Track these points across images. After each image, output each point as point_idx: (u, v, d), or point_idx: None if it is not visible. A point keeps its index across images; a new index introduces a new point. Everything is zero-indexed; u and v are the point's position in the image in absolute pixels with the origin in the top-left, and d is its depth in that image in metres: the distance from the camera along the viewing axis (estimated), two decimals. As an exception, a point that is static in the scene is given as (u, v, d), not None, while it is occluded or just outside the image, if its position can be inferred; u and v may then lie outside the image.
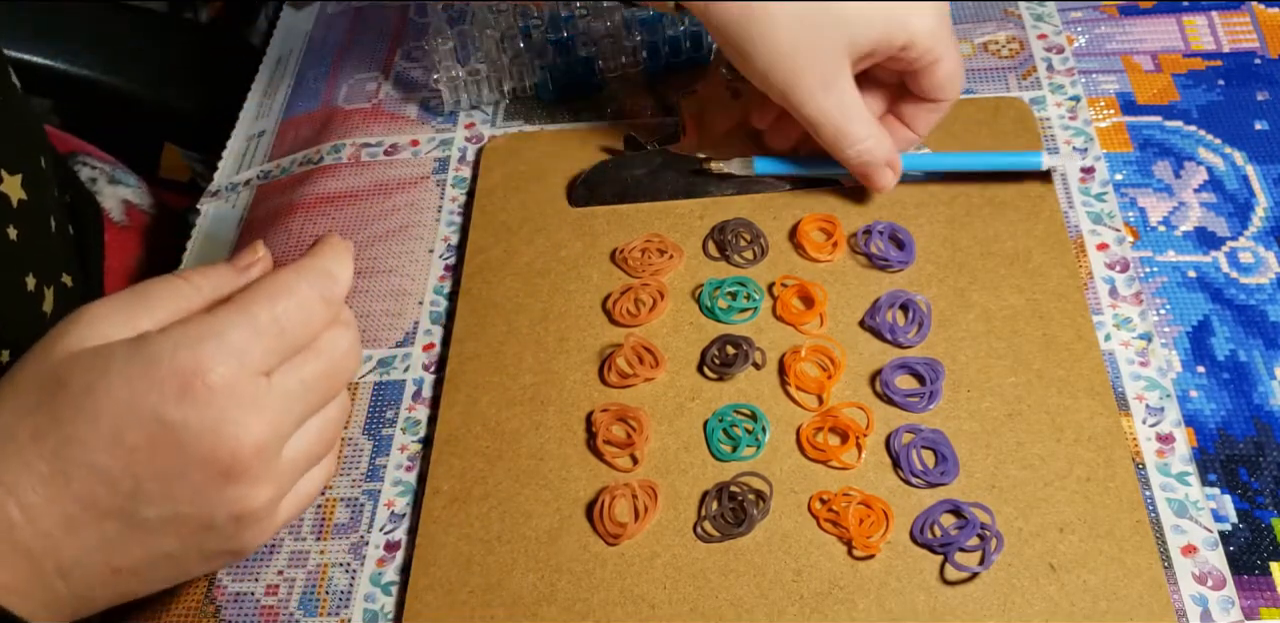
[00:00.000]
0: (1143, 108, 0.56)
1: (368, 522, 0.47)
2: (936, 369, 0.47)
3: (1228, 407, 0.46)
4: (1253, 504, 0.43)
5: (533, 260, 0.54)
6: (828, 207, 0.54)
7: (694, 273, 0.53)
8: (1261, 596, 0.41)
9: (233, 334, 0.33)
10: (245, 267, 0.38)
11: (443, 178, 0.60)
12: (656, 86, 0.62)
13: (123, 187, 0.72)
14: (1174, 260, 0.50)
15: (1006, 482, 0.44)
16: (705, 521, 0.45)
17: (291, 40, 0.73)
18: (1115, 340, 0.48)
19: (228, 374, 0.33)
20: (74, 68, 0.79)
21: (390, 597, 0.45)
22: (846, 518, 0.43)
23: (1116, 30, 0.59)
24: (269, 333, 0.34)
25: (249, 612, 0.45)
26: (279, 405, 0.34)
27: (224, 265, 0.38)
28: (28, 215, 0.51)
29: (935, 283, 0.50)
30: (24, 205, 0.51)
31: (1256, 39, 0.58)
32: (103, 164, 0.73)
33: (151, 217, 0.73)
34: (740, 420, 0.47)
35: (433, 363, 0.52)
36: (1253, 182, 0.52)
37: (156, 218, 0.73)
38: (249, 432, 0.33)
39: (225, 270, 0.38)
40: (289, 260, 0.57)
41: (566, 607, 0.43)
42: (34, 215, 0.52)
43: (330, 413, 0.37)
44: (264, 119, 0.69)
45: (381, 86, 0.66)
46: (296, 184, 0.62)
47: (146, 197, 0.74)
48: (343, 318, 0.38)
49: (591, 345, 0.51)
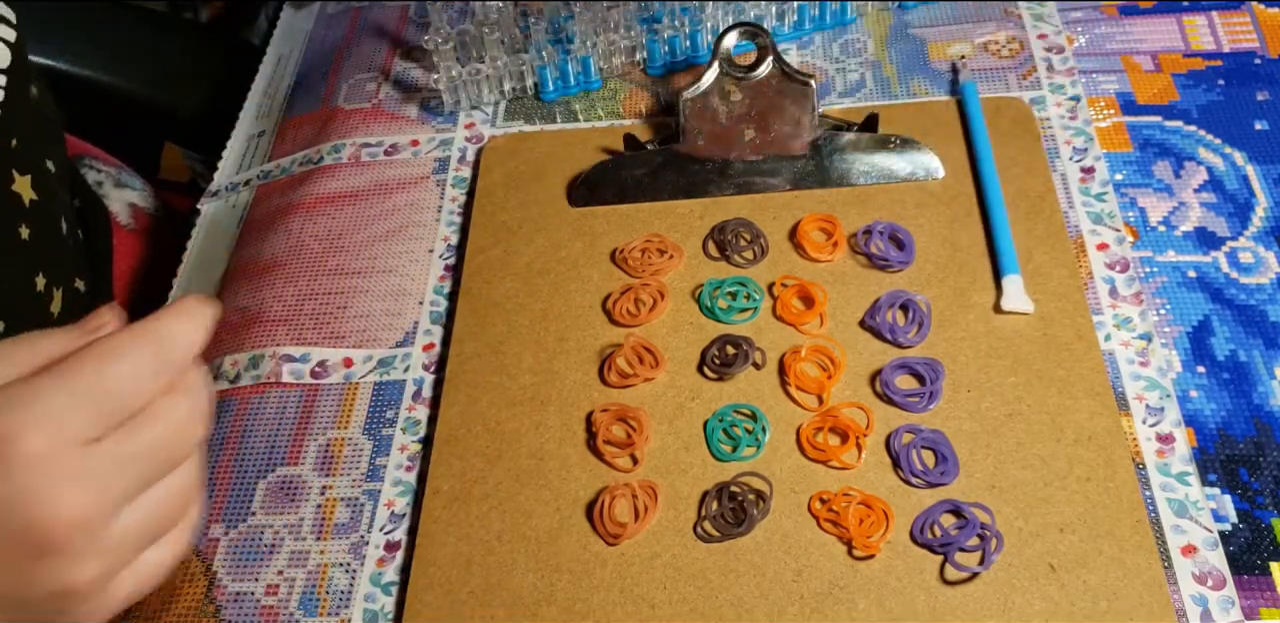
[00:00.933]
0: (1143, 108, 0.56)
1: (368, 522, 0.47)
2: (936, 369, 0.47)
3: (1228, 407, 0.46)
4: (1253, 504, 0.43)
5: (533, 260, 0.54)
6: (828, 207, 0.54)
7: (694, 273, 0.53)
8: (1261, 596, 0.41)
9: (51, 399, 0.31)
10: (93, 329, 0.35)
11: (443, 178, 0.60)
12: (657, 88, 0.62)
13: (129, 190, 0.72)
14: (1174, 260, 0.50)
15: (1006, 482, 0.44)
16: (705, 521, 0.45)
17: (291, 40, 0.73)
18: (1115, 340, 0.48)
19: (42, 442, 0.30)
20: (74, 68, 0.79)
21: (390, 597, 0.45)
22: (846, 518, 0.43)
23: (1116, 30, 0.59)
24: (92, 398, 0.31)
25: (249, 612, 0.45)
26: (103, 476, 0.31)
27: (69, 328, 0.35)
28: (39, 216, 0.51)
29: (935, 283, 0.50)
30: (35, 205, 0.50)
31: (1256, 39, 0.58)
32: (109, 167, 0.73)
33: (156, 219, 0.73)
34: (740, 420, 0.47)
35: (433, 363, 0.52)
36: (1253, 181, 0.52)
37: (161, 220, 0.73)
38: (65, 504, 0.30)
39: (67, 333, 0.35)
40: (289, 261, 0.57)
41: (566, 607, 0.43)
42: (45, 216, 0.52)
43: (173, 483, 0.34)
44: (264, 119, 0.69)
45: (381, 86, 0.66)
46: (296, 184, 0.62)
47: (152, 199, 0.74)
48: (185, 383, 0.35)
49: (591, 345, 0.51)
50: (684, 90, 0.54)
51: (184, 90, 0.82)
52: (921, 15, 0.62)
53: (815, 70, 0.61)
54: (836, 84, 0.60)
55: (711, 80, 0.54)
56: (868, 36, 0.62)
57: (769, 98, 0.54)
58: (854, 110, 0.58)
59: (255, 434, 0.51)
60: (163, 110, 0.82)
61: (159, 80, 0.81)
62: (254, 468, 0.50)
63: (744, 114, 0.54)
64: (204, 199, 0.66)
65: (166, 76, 0.82)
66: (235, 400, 0.52)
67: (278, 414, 0.51)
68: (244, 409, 0.52)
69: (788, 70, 0.53)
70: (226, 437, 0.51)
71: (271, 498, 0.49)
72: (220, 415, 0.52)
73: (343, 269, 0.57)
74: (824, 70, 0.61)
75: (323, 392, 0.52)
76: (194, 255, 0.63)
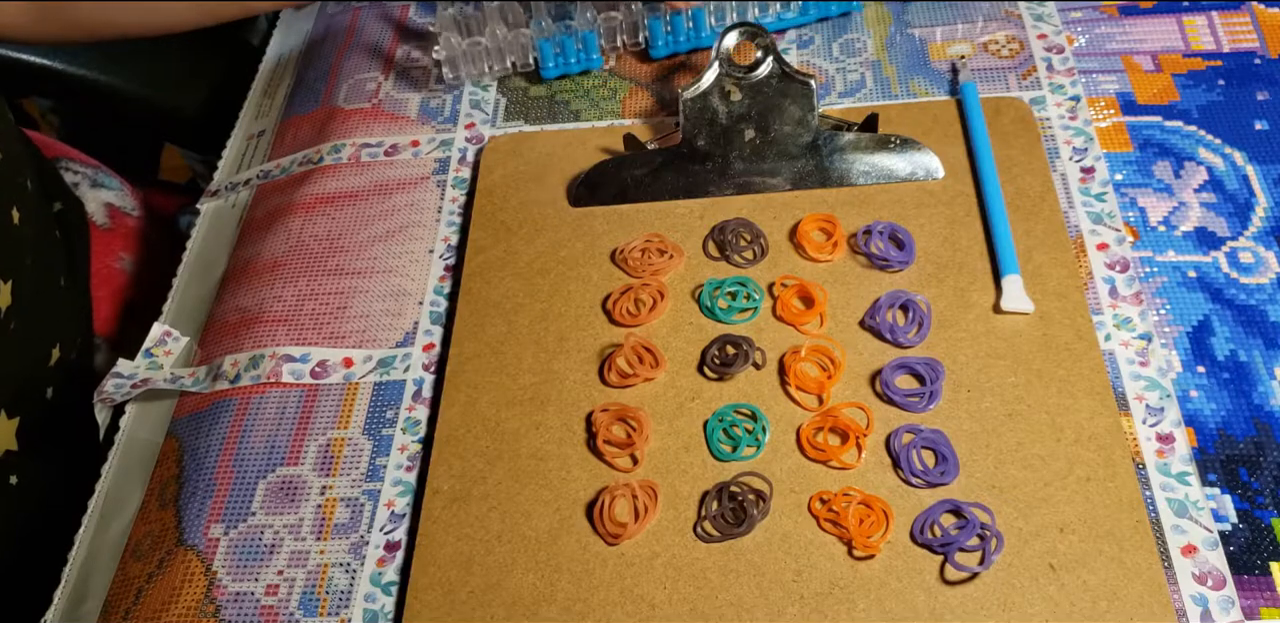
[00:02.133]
0: (1143, 108, 0.56)
1: (368, 522, 0.47)
2: (936, 369, 0.47)
3: (1228, 407, 0.46)
4: (1253, 504, 0.43)
5: (533, 260, 0.54)
6: (828, 207, 0.54)
7: (694, 273, 0.53)
8: (1261, 596, 0.41)
9: None
10: None
11: (443, 178, 0.60)
12: (657, 88, 0.62)
13: (105, 190, 0.73)
14: (1174, 260, 0.50)
15: (1006, 482, 0.44)
16: (705, 521, 0.45)
17: (291, 40, 0.73)
18: (1115, 340, 0.48)
19: None
20: (73, 67, 0.79)
21: (390, 597, 0.45)
22: (846, 518, 0.43)
23: (1116, 30, 0.59)
24: None
25: (249, 612, 0.45)
26: None
27: None
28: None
29: (935, 283, 0.50)
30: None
31: (1256, 39, 0.58)
32: (85, 168, 0.74)
33: (136, 219, 0.73)
34: (740, 420, 0.47)
35: (433, 363, 0.52)
36: (1253, 182, 0.52)
37: (142, 220, 0.74)
38: None
39: None
40: (289, 262, 0.57)
41: (566, 607, 0.43)
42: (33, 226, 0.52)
43: None
44: (264, 119, 0.69)
45: (381, 86, 0.66)
46: (296, 184, 0.62)
47: (129, 199, 0.74)
48: None
49: (591, 345, 0.51)
50: (684, 90, 0.54)
51: (184, 90, 0.83)
52: (921, 15, 0.62)
53: (815, 70, 0.61)
54: (836, 84, 0.60)
55: (711, 80, 0.54)
56: (868, 36, 0.62)
57: (769, 98, 0.54)
58: (854, 110, 0.58)
59: (255, 434, 0.51)
60: (163, 110, 0.82)
61: (159, 80, 0.82)
62: (254, 468, 0.50)
63: (744, 114, 0.54)
64: (204, 199, 0.66)
65: (166, 76, 0.82)
66: (235, 400, 0.52)
67: (278, 414, 0.51)
68: (244, 409, 0.52)
69: (788, 70, 0.53)
70: (226, 437, 0.51)
71: (271, 498, 0.49)
72: (220, 415, 0.52)
73: (343, 269, 0.57)
74: (824, 70, 0.61)
75: (323, 392, 0.52)
76: (193, 255, 0.63)
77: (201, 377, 0.54)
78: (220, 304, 0.58)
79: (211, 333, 0.57)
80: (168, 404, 0.55)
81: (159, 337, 0.57)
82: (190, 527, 0.48)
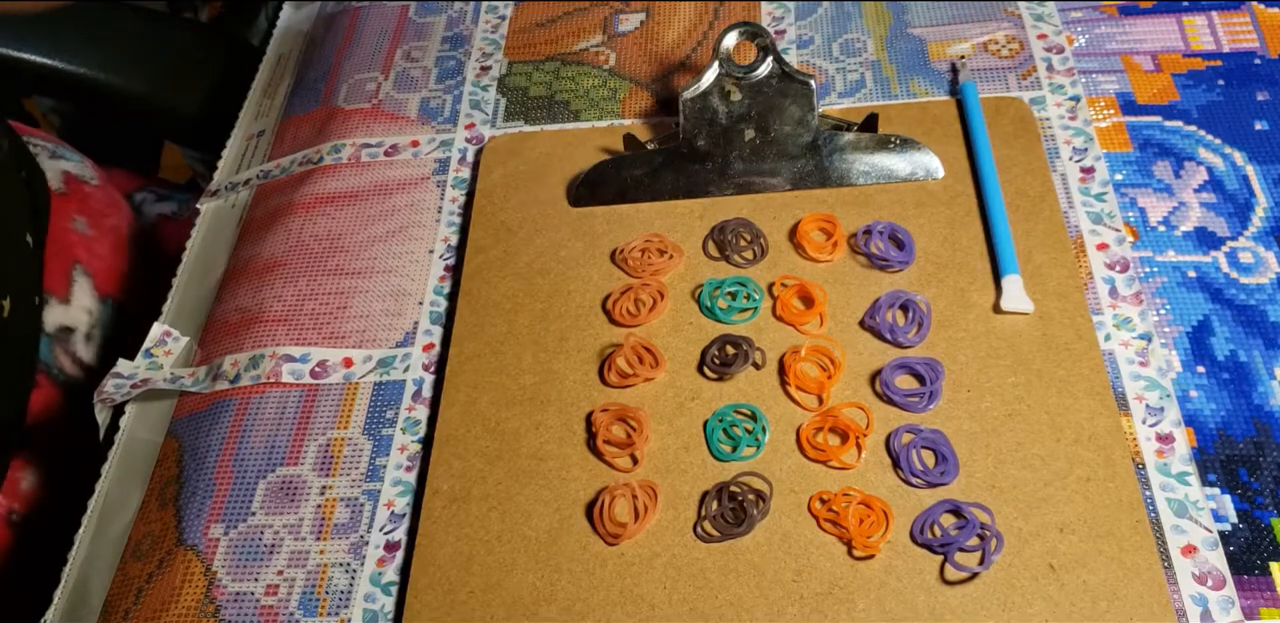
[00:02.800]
0: (1143, 108, 0.56)
1: (368, 522, 0.47)
2: (936, 369, 0.47)
3: (1228, 407, 0.46)
4: (1253, 504, 0.43)
5: (533, 260, 0.54)
6: (828, 207, 0.54)
7: (694, 273, 0.53)
8: (1261, 596, 0.41)
9: None
10: None
11: (443, 179, 0.60)
12: (657, 88, 0.62)
13: (64, 160, 0.76)
14: (1174, 260, 0.50)
15: (1006, 482, 0.44)
16: (705, 521, 0.45)
17: (291, 40, 0.73)
18: (1115, 340, 0.48)
19: None
20: (73, 67, 0.79)
21: (390, 597, 0.45)
22: (846, 518, 0.43)
23: (1116, 30, 0.59)
24: None
25: (249, 612, 0.45)
26: None
27: None
28: None
29: (935, 283, 0.50)
30: None
31: (1256, 39, 0.58)
32: (46, 143, 0.76)
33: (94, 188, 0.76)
34: (740, 420, 0.47)
35: (433, 363, 0.52)
36: (1253, 182, 0.52)
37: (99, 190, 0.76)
38: None
39: None
40: (288, 262, 0.57)
41: (566, 607, 0.43)
42: None
43: None
44: (264, 119, 0.69)
45: (381, 86, 0.66)
46: (296, 184, 0.62)
47: (89, 170, 0.77)
48: None
49: (591, 345, 0.51)
50: (684, 90, 0.54)
51: (184, 90, 0.83)
52: (921, 15, 0.62)
53: (815, 70, 0.61)
54: (836, 84, 0.60)
55: (711, 80, 0.54)
56: (868, 36, 0.62)
57: (769, 98, 0.54)
58: (854, 110, 0.58)
59: (255, 434, 0.51)
60: (163, 110, 0.82)
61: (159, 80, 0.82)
62: (254, 468, 0.50)
63: (744, 114, 0.54)
64: (204, 199, 0.66)
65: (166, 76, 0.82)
66: (235, 400, 0.52)
67: (278, 414, 0.51)
68: (244, 409, 0.52)
69: (788, 70, 0.53)
70: (226, 437, 0.51)
71: (271, 498, 0.49)
72: (220, 415, 0.52)
73: (343, 269, 0.57)
74: (824, 70, 0.61)
75: (323, 392, 0.52)
76: (193, 255, 0.63)
77: (201, 377, 0.54)
78: (220, 304, 0.58)
79: (211, 333, 0.57)
80: (168, 404, 0.55)
81: (159, 337, 0.57)
82: (190, 527, 0.48)
